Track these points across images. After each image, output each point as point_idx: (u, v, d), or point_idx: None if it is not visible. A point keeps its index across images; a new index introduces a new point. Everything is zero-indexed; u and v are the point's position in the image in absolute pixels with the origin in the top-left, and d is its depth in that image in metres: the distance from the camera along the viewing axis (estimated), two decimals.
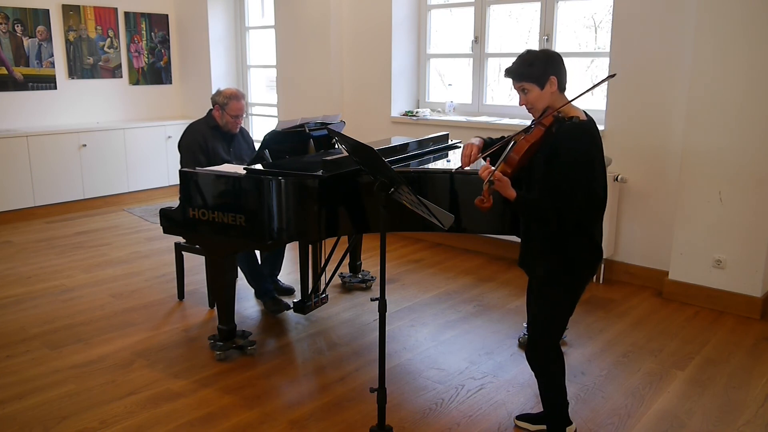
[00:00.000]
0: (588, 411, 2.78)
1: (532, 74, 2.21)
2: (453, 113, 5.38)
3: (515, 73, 2.25)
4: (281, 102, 6.32)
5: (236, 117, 3.73)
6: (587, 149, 2.16)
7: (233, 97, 3.70)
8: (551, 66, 2.22)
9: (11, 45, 6.06)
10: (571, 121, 2.17)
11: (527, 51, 2.27)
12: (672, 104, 3.99)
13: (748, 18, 3.53)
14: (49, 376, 3.06)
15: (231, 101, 3.69)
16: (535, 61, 2.21)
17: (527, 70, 2.21)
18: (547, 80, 2.21)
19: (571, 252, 2.25)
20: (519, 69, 2.23)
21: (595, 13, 4.87)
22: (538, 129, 2.19)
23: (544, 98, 2.23)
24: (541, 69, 2.20)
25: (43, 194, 6.09)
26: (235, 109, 3.70)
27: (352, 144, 2.38)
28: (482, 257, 4.90)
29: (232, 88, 3.78)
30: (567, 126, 2.17)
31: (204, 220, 3.04)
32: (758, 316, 3.76)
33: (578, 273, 2.30)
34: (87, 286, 4.29)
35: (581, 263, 2.28)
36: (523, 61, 2.23)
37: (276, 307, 3.80)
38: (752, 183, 3.66)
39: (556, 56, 2.26)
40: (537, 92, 2.23)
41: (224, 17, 7.08)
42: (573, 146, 2.14)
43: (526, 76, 2.22)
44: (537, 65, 2.21)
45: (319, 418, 2.73)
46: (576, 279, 2.31)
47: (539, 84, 2.21)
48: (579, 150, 2.14)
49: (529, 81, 2.22)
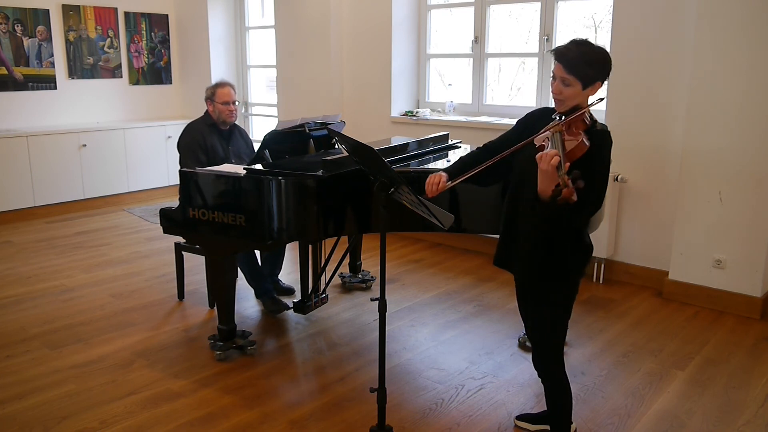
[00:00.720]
0: (588, 411, 2.78)
1: (586, 74, 2.09)
2: (453, 113, 5.38)
3: (570, 63, 2.09)
4: (281, 102, 6.32)
5: (226, 104, 3.72)
6: (609, 159, 2.14)
7: (218, 85, 3.73)
8: (604, 72, 2.12)
9: (11, 45, 6.07)
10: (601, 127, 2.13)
11: (586, 43, 2.12)
12: (672, 104, 3.99)
13: (748, 18, 3.53)
14: (49, 376, 3.06)
15: (216, 89, 3.72)
16: (595, 64, 2.10)
17: (584, 68, 2.09)
18: (592, 84, 2.11)
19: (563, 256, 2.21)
20: (576, 62, 2.08)
21: (595, 13, 4.87)
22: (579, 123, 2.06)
23: (580, 98, 2.13)
24: (595, 72, 2.10)
25: (43, 194, 6.09)
26: (222, 96, 3.70)
27: (352, 144, 2.38)
28: (482, 257, 4.90)
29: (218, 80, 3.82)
30: (597, 134, 2.10)
31: (204, 220, 3.04)
32: (758, 316, 3.76)
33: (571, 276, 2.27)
34: (87, 286, 4.29)
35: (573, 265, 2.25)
36: (582, 55, 2.09)
37: (275, 307, 3.80)
38: (752, 183, 3.66)
39: (610, 64, 2.14)
40: (578, 90, 2.11)
41: (224, 17, 7.09)
42: (607, 154, 2.10)
43: (579, 73, 2.09)
44: (594, 67, 2.10)
45: (319, 418, 2.73)
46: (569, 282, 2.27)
47: (584, 84, 2.11)
48: (606, 160, 2.11)
49: (578, 77, 2.09)
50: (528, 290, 2.35)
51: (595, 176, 2.06)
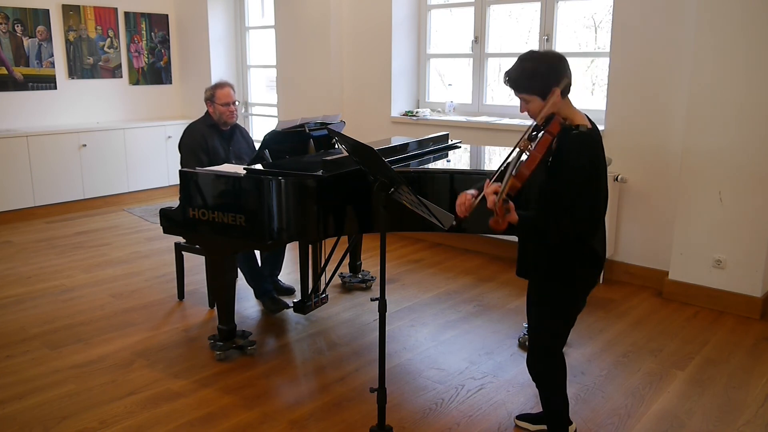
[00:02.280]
0: (588, 411, 2.78)
1: (533, 87, 2.09)
2: (453, 113, 5.38)
3: (515, 84, 2.13)
4: (281, 102, 6.32)
5: (227, 105, 3.72)
6: (592, 161, 2.08)
7: (218, 86, 3.73)
8: (553, 76, 2.08)
9: (11, 45, 6.06)
10: (578, 129, 2.09)
11: (529, 56, 2.14)
12: (672, 104, 3.99)
13: (748, 18, 3.53)
14: (49, 376, 3.06)
15: (216, 90, 3.71)
16: (536, 74, 2.09)
17: (528, 83, 2.10)
18: (549, 91, 2.08)
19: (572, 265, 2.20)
20: (519, 81, 2.12)
21: (595, 13, 4.87)
22: (545, 138, 2.04)
23: (547, 107, 2.10)
24: (542, 82, 2.08)
25: (43, 194, 6.09)
26: (222, 96, 3.70)
27: (352, 144, 2.38)
28: (482, 257, 4.90)
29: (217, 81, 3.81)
30: (573, 136, 2.07)
31: (204, 220, 3.04)
32: (758, 316, 3.76)
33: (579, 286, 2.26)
34: (87, 286, 4.29)
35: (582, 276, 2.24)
36: (523, 72, 2.11)
37: (275, 306, 3.80)
38: (752, 183, 3.66)
39: (558, 64, 2.11)
40: (539, 103, 2.11)
41: (224, 17, 7.08)
42: (578, 158, 2.05)
43: (526, 89, 2.11)
44: (537, 78, 2.08)
45: (319, 418, 2.73)
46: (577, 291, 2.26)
47: (541, 95, 2.10)
48: (584, 163, 2.06)
49: (529, 93, 2.11)
50: (535, 289, 2.34)
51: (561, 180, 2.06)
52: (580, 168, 2.06)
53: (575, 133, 2.09)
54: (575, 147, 2.07)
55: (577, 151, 2.07)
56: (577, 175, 2.06)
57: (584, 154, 2.07)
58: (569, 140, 2.08)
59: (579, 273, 2.23)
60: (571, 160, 2.06)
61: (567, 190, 2.06)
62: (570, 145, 2.07)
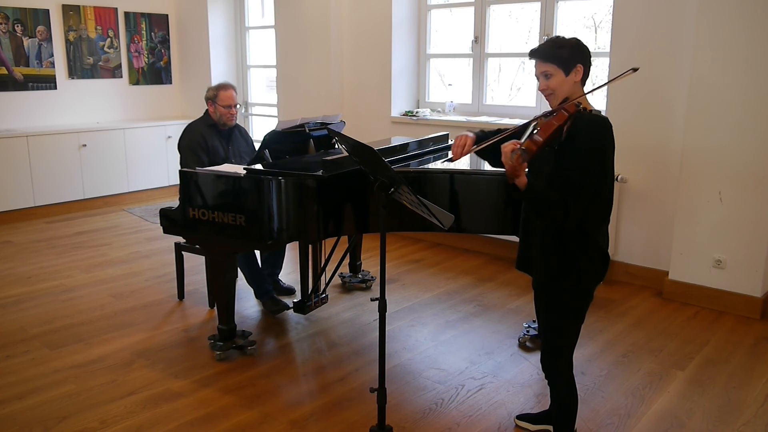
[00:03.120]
0: (588, 411, 2.78)
1: (560, 56, 2.11)
2: (453, 113, 5.38)
3: (543, 53, 2.14)
4: (281, 102, 6.32)
5: (228, 107, 3.72)
6: (603, 142, 2.08)
7: (221, 88, 3.72)
8: (580, 54, 2.13)
9: (11, 45, 6.06)
10: (591, 113, 2.10)
11: (557, 36, 2.19)
12: (672, 104, 3.99)
13: (748, 17, 3.53)
14: (49, 376, 3.06)
15: (219, 92, 3.71)
16: (566, 45, 2.12)
17: (556, 51, 2.12)
18: (573, 67, 2.11)
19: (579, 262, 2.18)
20: (547, 49, 2.13)
21: (595, 13, 4.87)
22: (561, 113, 2.04)
23: (566, 86, 2.12)
24: (569, 53, 2.11)
25: (43, 194, 6.09)
26: (225, 99, 3.71)
27: (352, 144, 2.38)
28: (482, 257, 4.90)
29: (221, 81, 3.80)
30: (587, 117, 2.08)
31: (204, 220, 3.04)
32: (758, 316, 3.76)
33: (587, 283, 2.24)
34: (87, 286, 4.29)
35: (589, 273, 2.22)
36: (552, 43, 2.14)
37: (275, 307, 3.80)
38: (752, 182, 3.66)
39: (585, 47, 2.17)
40: (561, 78, 2.12)
41: (224, 17, 7.09)
42: (590, 136, 2.06)
43: (554, 58, 2.11)
44: (566, 49, 2.11)
45: (319, 418, 2.73)
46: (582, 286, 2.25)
47: (565, 69, 2.12)
48: (596, 141, 2.06)
49: (555, 63, 2.11)
50: (541, 291, 2.33)
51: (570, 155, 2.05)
52: (593, 150, 2.05)
53: (588, 116, 2.08)
54: (590, 129, 2.06)
55: (592, 134, 2.06)
56: (586, 150, 2.05)
57: (596, 133, 2.07)
58: (584, 123, 2.07)
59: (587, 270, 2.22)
60: (582, 137, 2.05)
61: (574, 166, 2.04)
62: (585, 128, 2.06)
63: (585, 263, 2.20)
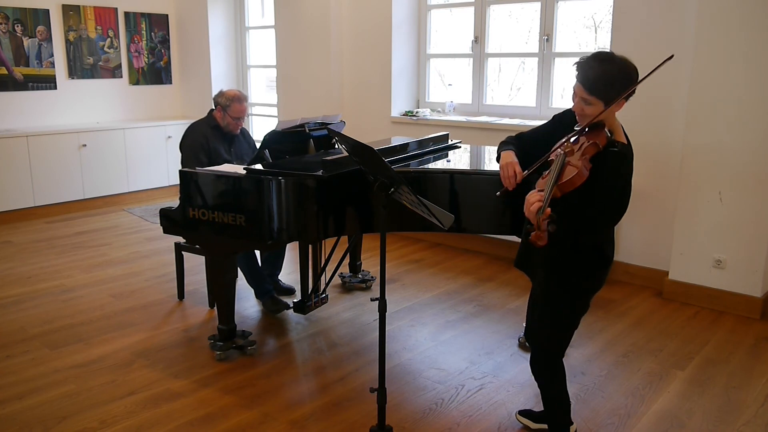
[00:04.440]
0: (588, 411, 2.78)
1: (607, 94, 2.00)
2: (453, 113, 5.38)
3: (591, 84, 2.02)
4: (281, 102, 6.32)
5: (238, 119, 3.74)
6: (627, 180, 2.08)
7: (236, 99, 3.71)
8: (628, 88, 2.01)
9: (11, 45, 6.06)
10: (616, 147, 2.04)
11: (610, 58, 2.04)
12: (672, 104, 3.99)
13: (748, 17, 3.53)
14: (49, 376, 3.06)
15: (234, 103, 3.70)
16: (615, 82, 2.00)
17: (605, 89, 2.00)
18: (616, 101, 2.02)
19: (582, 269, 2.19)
20: (597, 84, 2.01)
21: (595, 13, 4.87)
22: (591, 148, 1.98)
23: (603, 115, 2.05)
24: (616, 92, 2.00)
25: (43, 194, 6.09)
26: (237, 111, 3.72)
27: (352, 144, 2.38)
28: (482, 257, 4.90)
29: (235, 90, 3.79)
30: (612, 155, 2.02)
31: (204, 220, 3.04)
32: (758, 316, 3.76)
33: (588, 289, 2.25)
34: (87, 286, 4.29)
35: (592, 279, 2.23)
36: (603, 75, 2.00)
37: (275, 307, 3.80)
38: (752, 183, 3.66)
39: (635, 76, 2.04)
40: (600, 108, 2.04)
41: (224, 17, 7.08)
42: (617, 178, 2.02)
43: (598, 93, 2.02)
44: (615, 87, 1.99)
45: (319, 418, 2.73)
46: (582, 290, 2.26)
47: (606, 103, 2.03)
48: (621, 183, 2.05)
49: (599, 97, 2.02)
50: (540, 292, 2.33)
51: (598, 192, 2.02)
52: (615, 187, 2.05)
53: (614, 151, 2.04)
54: (615, 165, 2.03)
55: (616, 170, 2.04)
56: (611, 192, 2.04)
57: (621, 173, 2.06)
58: (609, 158, 2.03)
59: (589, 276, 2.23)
60: (609, 179, 2.03)
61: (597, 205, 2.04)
62: (610, 164, 2.03)
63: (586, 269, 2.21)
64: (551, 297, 2.27)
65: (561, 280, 2.23)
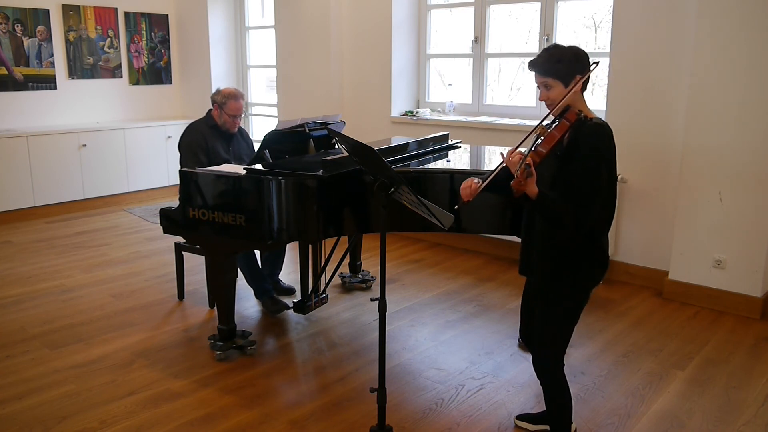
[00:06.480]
0: (588, 411, 2.78)
1: (559, 71, 2.13)
2: (453, 113, 5.38)
3: (541, 67, 2.17)
4: (281, 102, 6.32)
5: (234, 117, 3.74)
6: (606, 149, 2.12)
7: (231, 97, 3.71)
8: (578, 64, 2.14)
9: (11, 45, 6.06)
10: (592, 121, 2.13)
11: (554, 46, 2.20)
12: (672, 104, 3.99)
13: (747, 17, 3.53)
14: (49, 376, 3.06)
15: (229, 101, 3.70)
16: (563, 58, 2.14)
17: (554, 66, 2.14)
18: (572, 79, 2.13)
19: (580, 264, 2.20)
20: (546, 64, 2.16)
21: (595, 13, 4.87)
22: (563, 123, 2.09)
23: (568, 95, 2.14)
24: (567, 67, 2.13)
25: (43, 194, 6.09)
26: (233, 109, 3.71)
27: (352, 144, 2.38)
28: (482, 257, 4.90)
29: (231, 88, 3.79)
30: (589, 125, 2.11)
31: (204, 220, 3.04)
32: (758, 316, 3.76)
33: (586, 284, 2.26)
34: (87, 286, 4.29)
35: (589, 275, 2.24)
36: (550, 56, 2.16)
37: (275, 307, 3.80)
38: (752, 182, 3.66)
39: (583, 55, 2.18)
40: (561, 89, 2.15)
41: (224, 17, 7.09)
42: (595, 144, 2.08)
43: (552, 73, 2.14)
44: (564, 62, 2.14)
45: (319, 418, 2.73)
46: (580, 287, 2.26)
47: (564, 81, 2.14)
48: (600, 149, 2.09)
49: (554, 77, 2.14)
50: (539, 291, 2.34)
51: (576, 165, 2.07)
52: (599, 158, 2.09)
53: (591, 123, 2.11)
54: (592, 137, 2.09)
55: (595, 142, 2.09)
56: (593, 160, 2.08)
57: (600, 141, 2.10)
58: (585, 131, 2.10)
59: (587, 272, 2.24)
60: (586, 147, 2.08)
61: (583, 176, 2.08)
62: (586, 137, 2.09)
63: (585, 266, 2.22)
64: (550, 296, 2.28)
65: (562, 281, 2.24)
